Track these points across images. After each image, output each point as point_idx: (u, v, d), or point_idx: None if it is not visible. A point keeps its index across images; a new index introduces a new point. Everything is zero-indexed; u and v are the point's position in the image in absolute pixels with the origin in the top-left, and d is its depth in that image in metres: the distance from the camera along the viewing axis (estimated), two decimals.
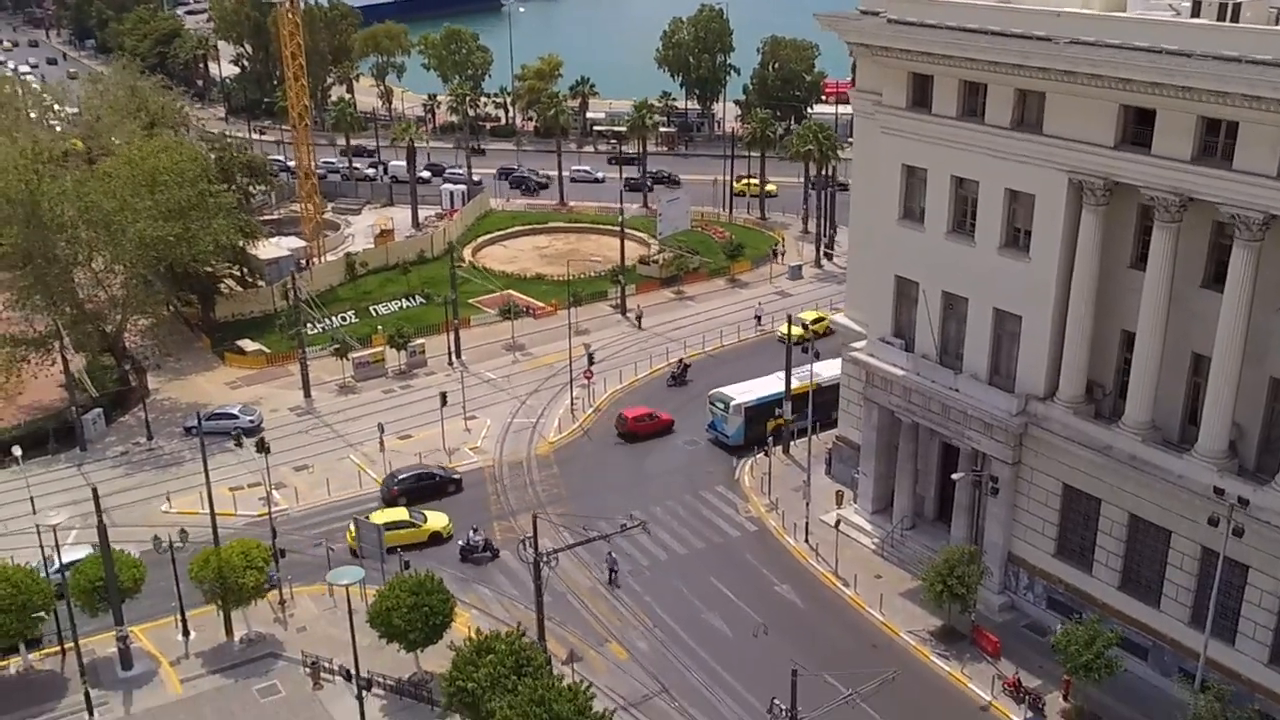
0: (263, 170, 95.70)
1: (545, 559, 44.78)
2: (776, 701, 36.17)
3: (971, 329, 51.17)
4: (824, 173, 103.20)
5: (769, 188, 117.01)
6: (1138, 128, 43.39)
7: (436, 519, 58.64)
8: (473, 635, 43.68)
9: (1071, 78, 43.97)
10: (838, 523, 55.37)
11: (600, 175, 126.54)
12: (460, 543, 56.85)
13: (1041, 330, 48.16)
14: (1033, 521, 50.16)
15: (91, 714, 45.90)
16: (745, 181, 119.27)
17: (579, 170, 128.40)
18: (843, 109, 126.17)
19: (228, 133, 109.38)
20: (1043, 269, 47.47)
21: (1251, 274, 40.92)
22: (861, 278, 58.85)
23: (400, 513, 58.34)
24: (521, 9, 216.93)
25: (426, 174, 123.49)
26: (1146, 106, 42.47)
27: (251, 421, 68.78)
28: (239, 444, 64.09)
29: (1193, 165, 41.31)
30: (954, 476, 49.97)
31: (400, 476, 62.16)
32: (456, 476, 63.37)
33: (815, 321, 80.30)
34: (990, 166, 48.52)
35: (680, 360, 77.31)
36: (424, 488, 61.79)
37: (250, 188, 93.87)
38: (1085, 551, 48.69)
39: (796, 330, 79.43)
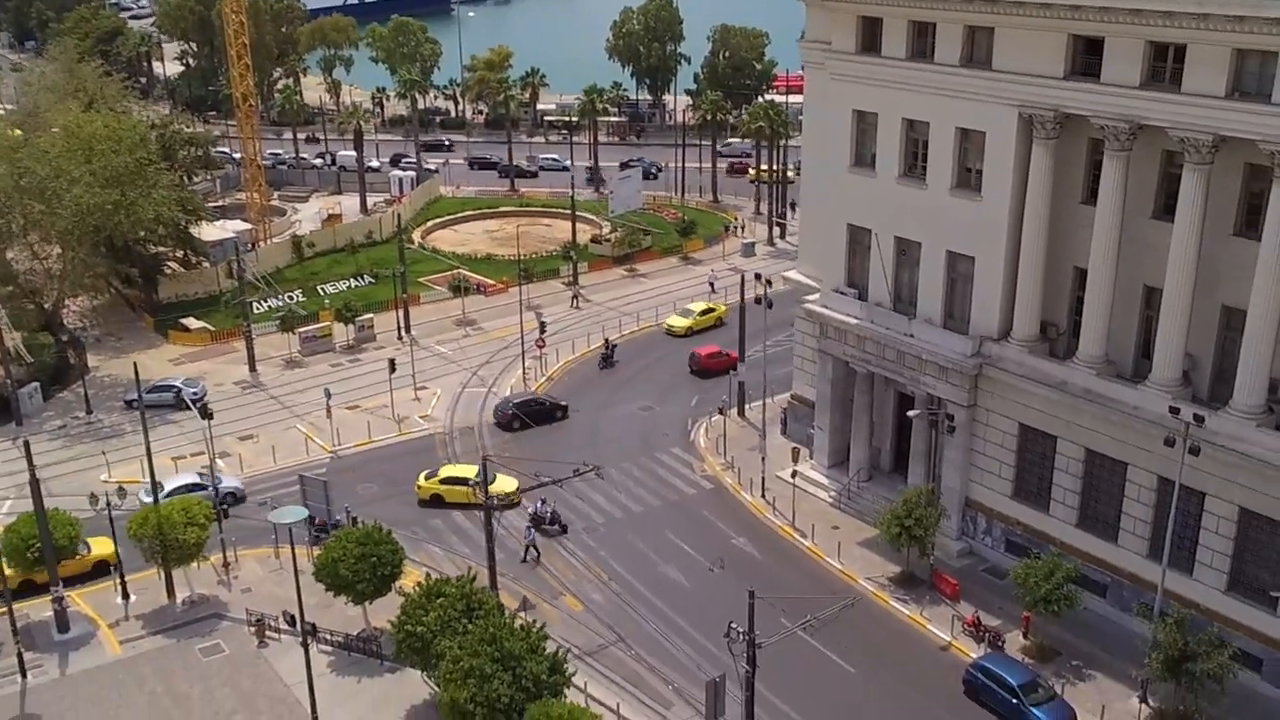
0: (205, 144, 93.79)
1: (495, 504, 43.77)
2: (734, 625, 35.35)
3: (925, 273, 50.83)
4: (775, 150, 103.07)
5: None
6: (1086, 57, 43.27)
7: (504, 483, 55.52)
8: (422, 582, 42.54)
9: (1020, 9, 43.79)
10: (794, 474, 54.76)
11: (567, 164, 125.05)
12: (530, 510, 54.41)
13: (994, 270, 47.90)
14: (989, 464, 49.81)
15: (25, 676, 44.14)
16: (760, 170, 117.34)
17: (548, 159, 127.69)
18: (793, 98, 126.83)
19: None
20: (994, 208, 47.22)
21: (1202, 199, 40.84)
22: (814, 231, 58.45)
23: (469, 470, 55.94)
24: (471, 13, 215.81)
25: (376, 163, 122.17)
26: (1095, 35, 42.37)
27: (195, 394, 67.02)
28: (181, 403, 62.61)
29: (1142, 90, 41.24)
30: (910, 414, 49.52)
31: (515, 401, 65.26)
32: (563, 404, 66.71)
33: (704, 313, 79.55)
34: (940, 106, 48.25)
35: (606, 341, 75.97)
36: (535, 412, 65.29)
37: (192, 168, 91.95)
38: (1042, 491, 48.38)
39: (685, 322, 79.01)
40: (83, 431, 65.17)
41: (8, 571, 47.26)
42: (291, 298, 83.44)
